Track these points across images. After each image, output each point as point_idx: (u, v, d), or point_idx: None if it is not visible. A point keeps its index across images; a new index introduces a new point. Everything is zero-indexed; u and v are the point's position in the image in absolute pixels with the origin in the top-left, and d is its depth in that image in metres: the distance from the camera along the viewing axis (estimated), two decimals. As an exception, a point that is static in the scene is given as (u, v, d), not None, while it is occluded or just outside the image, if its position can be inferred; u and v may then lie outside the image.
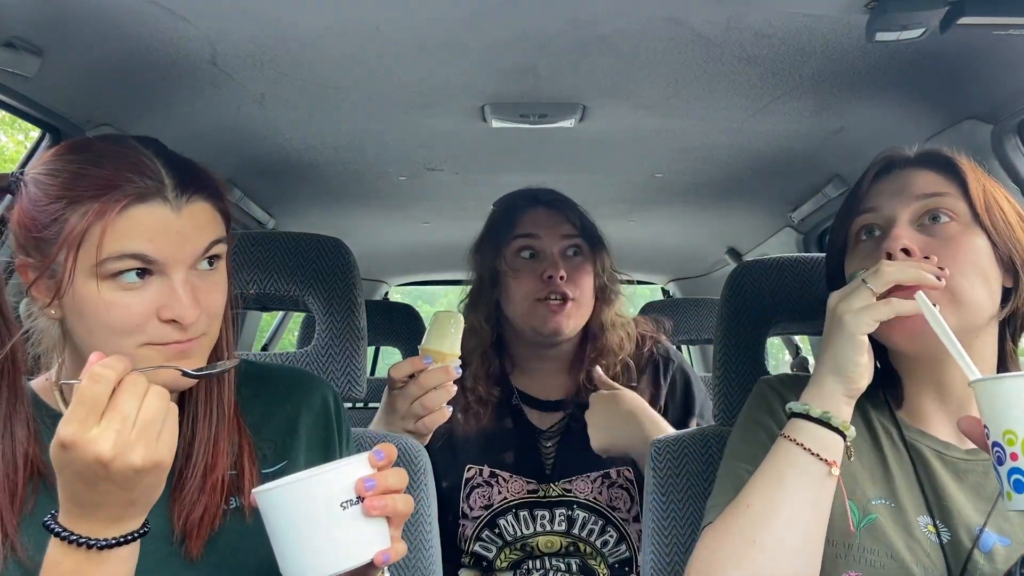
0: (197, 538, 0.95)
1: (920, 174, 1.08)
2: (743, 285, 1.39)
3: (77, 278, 0.89)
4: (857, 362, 0.98)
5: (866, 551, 1.03)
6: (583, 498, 1.58)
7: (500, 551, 1.57)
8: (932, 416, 1.09)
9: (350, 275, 1.44)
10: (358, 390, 1.42)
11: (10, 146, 8.90)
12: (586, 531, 1.58)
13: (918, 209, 1.06)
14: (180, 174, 0.92)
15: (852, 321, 0.97)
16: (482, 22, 1.24)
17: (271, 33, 1.27)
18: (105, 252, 0.88)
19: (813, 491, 0.99)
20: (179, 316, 0.90)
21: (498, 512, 1.57)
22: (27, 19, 1.18)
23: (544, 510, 1.57)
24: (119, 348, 0.89)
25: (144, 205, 0.89)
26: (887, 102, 1.55)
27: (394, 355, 3.06)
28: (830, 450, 1.00)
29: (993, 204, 1.05)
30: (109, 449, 0.77)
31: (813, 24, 1.23)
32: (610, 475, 1.60)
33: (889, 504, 1.05)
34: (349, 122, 1.73)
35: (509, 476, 1.59)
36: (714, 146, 1.89)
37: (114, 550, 0.83)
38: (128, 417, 0.79)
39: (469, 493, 1.58)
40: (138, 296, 0.90)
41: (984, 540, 1.01)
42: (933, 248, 1.02)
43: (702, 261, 3.43)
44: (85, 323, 0.91)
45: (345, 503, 0.83)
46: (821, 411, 1.01)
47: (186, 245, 0.92)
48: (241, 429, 1.03)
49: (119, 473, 0.79)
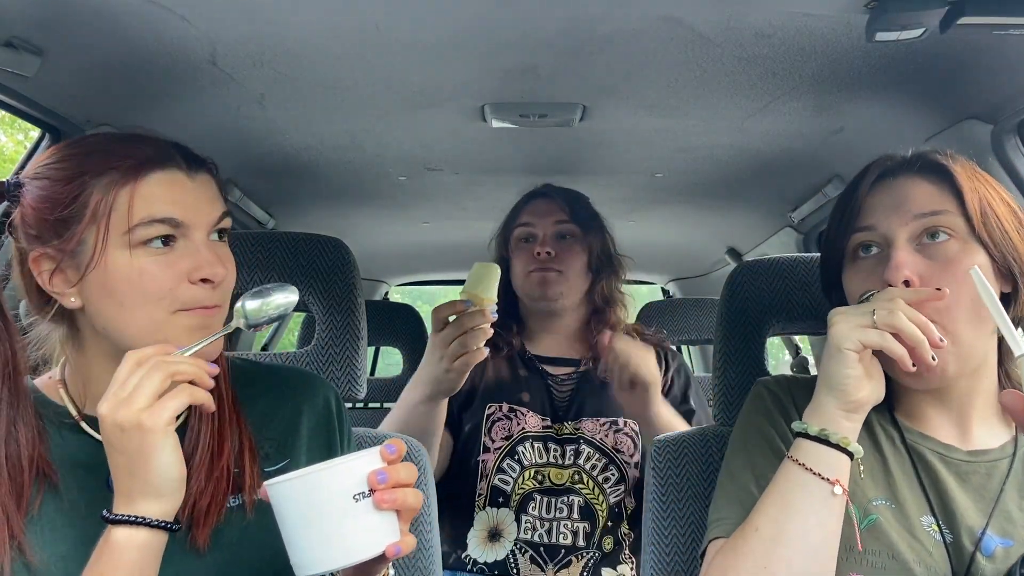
0: (204, 527, 0.96)
1: (916, 186, 1.06)
2: (743, 285, 1.39)
3: (108, 250, 0.92)
4: (846, 375, 0.97)
5: (867, 552, 1.02)
6: (590, 437, 1.74)
7: (518, 478, 1.72)
8: (933, 419, 1.08)
9: (350, 275, 1.44)
10: (358, 390, 1.42)
11: (10, 146, 8.90)
12: (590, 465, 1.73)
13: (916, 228, 1.03)
14: (184, 149, 0.99)
15: (839, 334, 0.96)
16: (482, 22, 1.24)
17: (271, 33, 1.27)
18: (136, 218, 0.92)
19: (818, 512, 0.98)
20: (211, 274, 0.95)
21: (518, 440, 1.74)
22: (27, 19, 1.18)
23: (556, 444, 1.75)
24: (152, 317, 0.93)
25: (163, 171, 0.95)
26: (887, 102, 1.55)
27: (394, 355, 3.06)
28: (832, 468, 0.98)
29: (990, 214, 1.03)
30: (105, 407, 0.85)
31: (813, 24, 1.23)
32: (617, 423, 1.76)
33: (890, 505, 1.05)
34: (349, 122, 1.73)
35: (526, 411, 1.77)
36: (714, 146, 1.90)
37: (124, 535, 0.85)
38: (125, 382, 0.85)
39: (491, 427, 1.75)
40: (167, 260, 0.94)
41: (986, 543, 1.01)
42: (933, 272, 1.01)
43: (702, 261, 3.43)
44: (116, 298, 0.93)
45: (357, 495, 0.83)
46: (819, 428, 0.99)
47: (203, 209, 0.97)
48: (242, 426, 1.03)
49: (109, 432, 0.85)
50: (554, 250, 1.78)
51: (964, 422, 1.07)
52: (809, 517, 0.97)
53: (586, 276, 1.83)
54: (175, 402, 0.86)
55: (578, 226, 1.83)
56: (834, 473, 0.98)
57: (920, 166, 1.07)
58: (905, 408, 1.11)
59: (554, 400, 1.79)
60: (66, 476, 0.96)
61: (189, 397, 0.87)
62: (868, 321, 0.95)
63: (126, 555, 0.85)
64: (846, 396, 0.98)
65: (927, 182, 1.05)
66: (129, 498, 0.86)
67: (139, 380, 0.85)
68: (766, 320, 1.38)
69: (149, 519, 0.86)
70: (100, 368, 0.99)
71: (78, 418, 1.00)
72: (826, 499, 0.98)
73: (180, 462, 0.87)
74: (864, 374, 0.97)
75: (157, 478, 0.86)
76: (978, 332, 1.00)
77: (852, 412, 0.99)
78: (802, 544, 0.96)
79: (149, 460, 0.85)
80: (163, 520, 0.87)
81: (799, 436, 1.01)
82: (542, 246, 1.79)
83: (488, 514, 1.72)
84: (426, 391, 1.51)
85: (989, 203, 1.03)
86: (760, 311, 1.38)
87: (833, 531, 0.98)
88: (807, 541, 0.97)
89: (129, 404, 0.84)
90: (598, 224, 1.88)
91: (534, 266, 1.80)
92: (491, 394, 1.79)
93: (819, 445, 0.99)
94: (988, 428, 1.07)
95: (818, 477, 0.98)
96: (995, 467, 1.05)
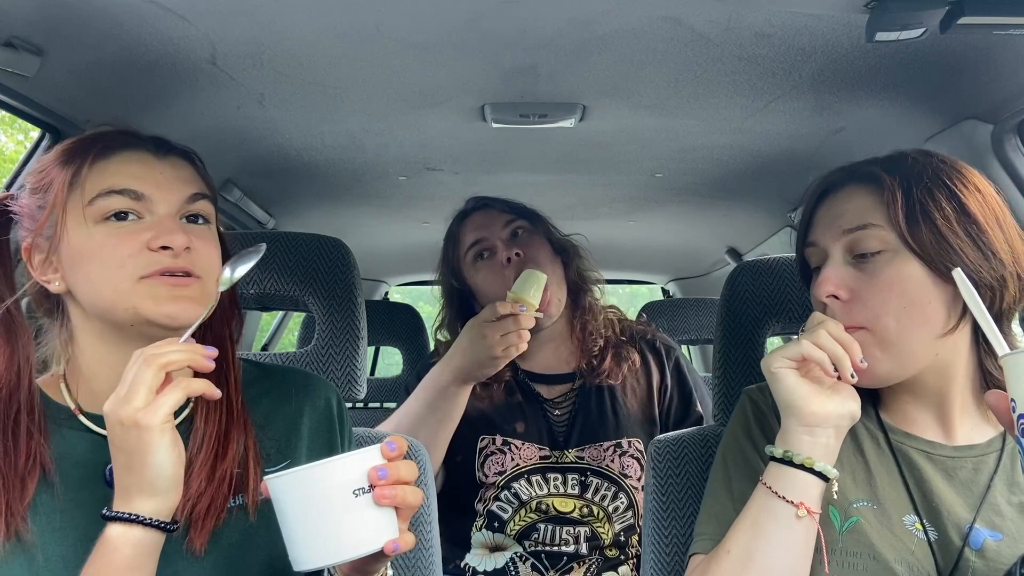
0: (202, 530, 0.96)
1: (851, 200, 1.06)
2: (743, 285, 1.39)
3: (69, 226, 0.95)
4: (790, 392, 0.99)
5: (848, 554, 1.03)
6: (596, 465, 1.68)
7: (516, 512, 1.66)
8: (915, 417, 1.09)
9: (350, 275, 1.44)
10: (358, 390, 1.42)
11: (10, 146, 8.90)
12: (599, 496, 1.67)
13: (846, 244, 1.05)
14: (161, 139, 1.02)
15: (766, 361, 1.02)
16: (482, 22, 1.24)
17: (271, 33, 1.27)
18: (93, 191, 0.95)
19: (784, 535, 0.99)
20: (168, 241, 0.96)
21: (512, 477, 1.67)
22: (27, 19, 1.18)
23: (557, 474, 1.67)
24: (116, 287, 0.94)
25: (128, 151, 0.99)
26: (887, 102, 1.55)
27: (394, 355, 3.06)
28: (796, 491, 0.99)
29: (921, 220, 1.00)
30: (108, 405, 0.87)
31: (813, 24, 1.23)
32: (622, 444, 1.70)
33: (871, 506, 1.05)
34: (349, 122, 1.73)
35: (521, 443, 1.69)
36: (714, 146, 1.89)
37: (119, 533, 0.85)
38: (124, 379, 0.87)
39: (483, 461, 1.68)
40: (127, 231, 0.96)
41: (974, 537, 1.01)
42: (862, 284, 1.02)
43: (702, 261, 3.43)
44: (83, 272, 0.96)
45: (357, 491, 0.84)
46: (782, 451, 1.01)
47: (171, 187, 0.99)
48: (248, 429, 1.04)
49: (112, 429, 0.86)
50: (521, 250, 1.69)
51: (946, 419, 1.07)
52: (775, 541, 0.99)
53: (556, 261, 1.74)
54: (171, 398, 0.86)
55: (526, 219, 1.76)
56: (799, 496, 0.99)
57: (859, 177, 1.07)
58: (890, 408, 1.11)
59: (552, 427, 1.71)
60: (67, 474, 0.96)
61: (185, 390, 0.87)
62: (796, 346, 1.00)
63: (121, 553, 0.85)
64: (800, 413, 0.99)
65: (861, 194, 1.06)
66: (127, 495, 0.87)
67: (134, 375, 0.86)
68: (766, 320, 1.39)
69: (143, 517, 0.86)
70: (92, 358, 1.00)
71: (75, 411, 1.00)
72: (791, 522, 0.99)
73: (177, 461, 0.87)
74: (814, 390, 0.99)
75: (153, 476, 0.86)
76: (915, 336, 1.01)
77: (814, 427, 1.00)
78: (770, 567, 0.98)
79: (145, 457, 0.85)
80: (158, 519, 0.87)
81: (770, 459, 1.03)
82: (507, 251, 1.69)
83: (485, 535, 1.68)
84: (462, 373, 1.54)
85: (927, 209, 1.01)
86: (760, 311, 1.38)
87: (801, 553, 0.99)
88: (776, 564, 0.98)
89: (128, 402, 0.85)
90: (535, 212, 1.81)
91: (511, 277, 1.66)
92: (483, 426, 1.71)
93: (784, 467, 1.01)
94: (972, 424, 1.08)
95: (783, 500, 0.99)
96: (983, 462, 1.05)
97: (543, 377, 1.77)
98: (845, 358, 0.97)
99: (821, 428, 1.00)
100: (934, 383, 1.06)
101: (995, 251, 1.01)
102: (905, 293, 1.01)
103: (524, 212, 1.78)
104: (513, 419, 1.70)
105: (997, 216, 1.03)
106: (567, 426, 1.71)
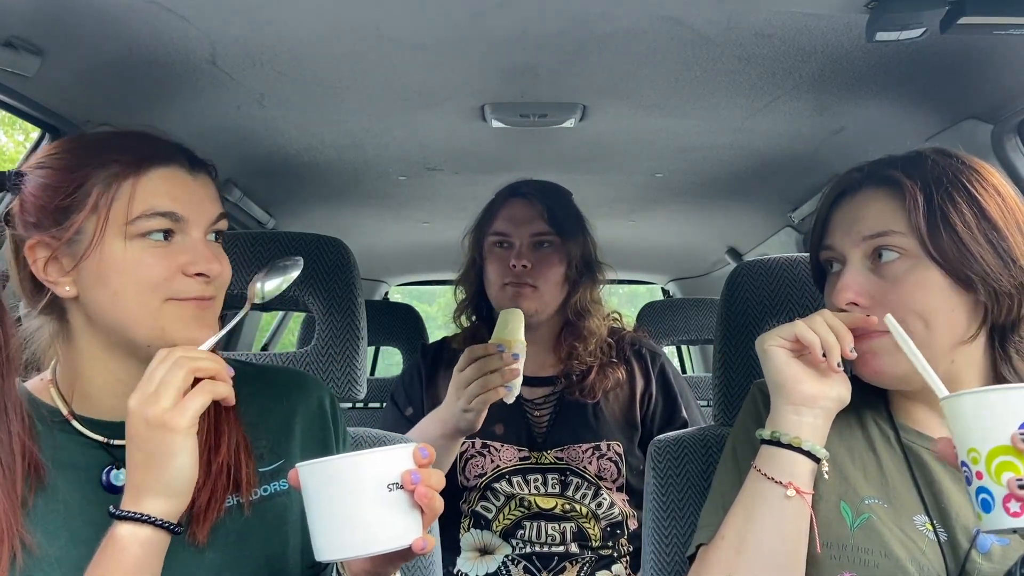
0: (204, 522, 0.96)
1: (870, 204, 1.05)
2: (743, 285, 1.39)
3: (106, 239, 0.94)
4: (779, 371, 1.01)
5: (860, 551, 1.02)
6: (575, 466, 1.68)
7: (500, 510, 1.68)
8: (927, 419, 1.09)
9: (350, 275, 1.44)
10: (358, 390, 1.42)
11: (10, 146, 8.90)
12: (579, 494, 1.68)
13: (866, 249, 1.04)
14: (187, 150, 1.02)
15: (761, 339, 1.03)
16: (482, 22, 1.24)
17: (271, 33, 1.27)
18: (136, 210, 0.94)
19: (774, 516, 0.99)
20: (207, 269, 0.97)
21: (492, 479, 1.69)
22: (27, 19, 1.18)
23: (537, 474, 1.69)
24: (144, 306, 0.94)
25: (166, 167, 0.97)
26: (887, 102, 1.55)
27: (394, 355, 3.06)
28: (784, 471, 0.99)
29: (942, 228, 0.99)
30: (134, 402, 0.87)
31: (813, 24, 1.23)
32: (600, 447, 1.70)
33: (883, 504, 1.05)
34: (349, 122, 1.73)
35: (501, 446, 1.70)
36: (714, 146, 1.89)
37: (127, 532, 0.85)
38: (151, 376, 0.88)
39: (464, 465, 1.69)
40: (164, 252, 0.96)
41: (981, 541, 1.01)
42: (881, 291, 1.02)
43: (702, 261, 3.43)
44: (110, 287, 0.94)
45: (391, 485, 0.84)
46: (770, 432, 1.02)
47: (202, 207, 0.99)
48: (237, 425, 1.03)
49: (135, 426, 0.86)
50: (530, 262, 1.68)
51: None
52: (767, 524, 0.99)
53: (563, 287, 1.73)
54: (198, 401, 0.87)
55: (557, 233, 1.72)
56: (787, 476, 0.99)
57: (878, 180, 1.06)
58: (902, 409, 1.11)
59: (531, 428, 1.71)
60: (59, 477, 0.96)
61: (211, 393, 0.89)
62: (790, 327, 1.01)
63: (129, 551, 0.86)
64: (788, 392, 1.01)
65: (881, 198, 1.05)
66: (138, 494, 0.87)
67: (164, 375, 0.87)
68: (766, 320, 1.38)
69: (153, 517, 0.86)
70: (91, 364, 0.99)
71: (68, 416, 0.99)
72: (780, 503, 0.99)
73: (194, 465, 0.88)
74: (805, 371, 1.00)
75: (172, 478, 0.86)
76: (936, 342, 1.00)
77: (801, 407, 1.01)
78: (762, 550, 0.98)
79: (167, 460, 0.86)
80: (166, 520, 0.87)
81: (760, 443, 1.03)
82: (518, 259, 1.68)
83: (474, 535, 1.69)
84: (445, 428, 1.53)
85: (948, 216, 1.00)
86: (760, 311, 1.38)
87: (792, 537, 0.99)
88: (767, 547, 0.98)
89: (156, 401, 0.86)
90: (579, 227, 1.77)
91: (509, 279, 1.70)
92: None
93: (773, 448, 1.01)
94: None
95: (772, 481, 1.00)
96: None
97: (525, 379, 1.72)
98: (836, 346, 0.98)
99: (808, 408, 1.00)
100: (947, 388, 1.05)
101: (1015, 258, 0.99)
102: (928, 301, 1.00)
103: (559, 222, 1.73)
104: (492, 421, 1.67)
105: (1018, 220, 1.01)
106: (547, 427, 1.72)
